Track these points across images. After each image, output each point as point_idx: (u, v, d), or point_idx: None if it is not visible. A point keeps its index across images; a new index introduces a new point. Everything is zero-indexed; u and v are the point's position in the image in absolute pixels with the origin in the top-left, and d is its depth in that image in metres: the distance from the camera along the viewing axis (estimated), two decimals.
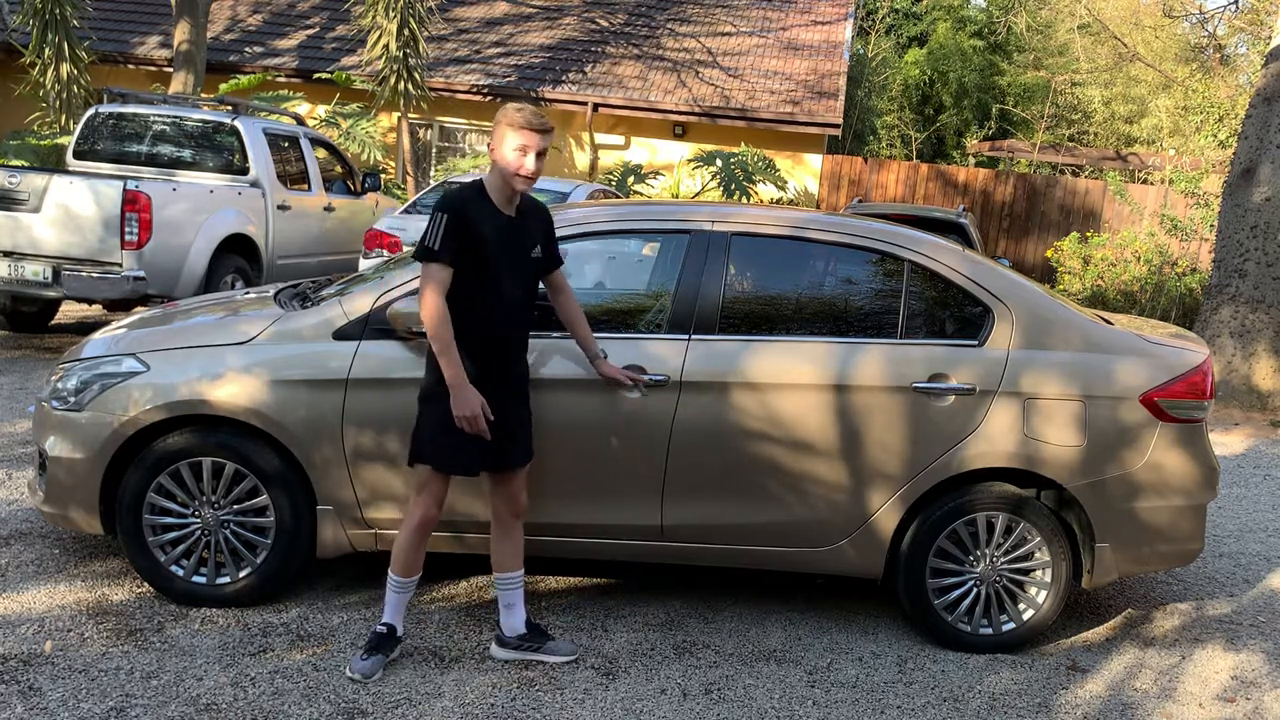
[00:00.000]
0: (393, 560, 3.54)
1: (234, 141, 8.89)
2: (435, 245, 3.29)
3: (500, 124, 3.33)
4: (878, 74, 27.48)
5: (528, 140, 3.31)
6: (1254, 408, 9.75)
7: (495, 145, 3.36)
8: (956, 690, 3.75)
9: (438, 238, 3.29)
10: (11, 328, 8.87)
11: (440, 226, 3.29)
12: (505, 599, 3.71)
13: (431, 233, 3.30)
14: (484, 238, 3.34)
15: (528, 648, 3.70)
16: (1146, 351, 4.06)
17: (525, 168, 3.32)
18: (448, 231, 3.29)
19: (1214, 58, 23.58)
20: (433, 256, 3.29)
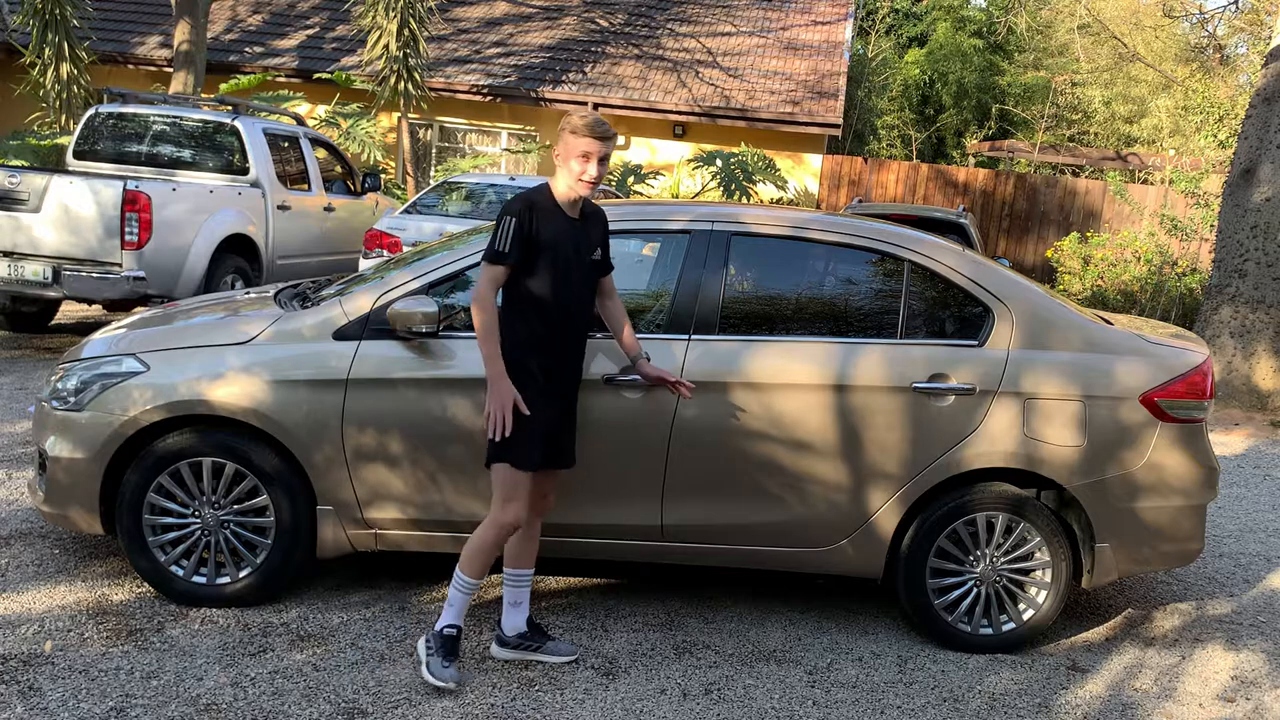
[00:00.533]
0: (467, 562, 3.46)
1: (234, 141, 8.90)
2: (505, 248, 3.34)
3: (564, 131, 3.39)
4: (878, 74, 27.49)
5: (590, 147, 3.37)
6: (1254, 408, 9.75)
7: (560, 151, 3.41)
8: (956, 690, 3.75)
9: (507, 240, 3.33)
10: (11, 328, 8.88)
11: (509, 230, 3.34)
12: (513, 596, 3.70)
13: (500, 236, 3.34)
14: (549, 241, 3.38)
15: (528, 647, 3.70)
16: (1146, 351, 4.06)
17: (588, 173, 3.39)
18: (515, 234, 3.33)
19: (1214, 58, 23.59)
20: (500, 259, 3.34)
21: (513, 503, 3.42)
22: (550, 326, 3.44)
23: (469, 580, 3.47)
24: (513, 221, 3.34)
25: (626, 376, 3.84)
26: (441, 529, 3.97)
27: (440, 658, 3.46)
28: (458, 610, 3.50)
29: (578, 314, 3.50)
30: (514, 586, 3.69)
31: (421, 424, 3.85)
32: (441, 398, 3.85)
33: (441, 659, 3.46)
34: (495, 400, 3.33)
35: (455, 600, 3.50)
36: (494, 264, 3.35)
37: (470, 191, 9.60)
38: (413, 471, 3.88)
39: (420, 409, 3.85)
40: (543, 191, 3.45)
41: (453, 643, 3.49)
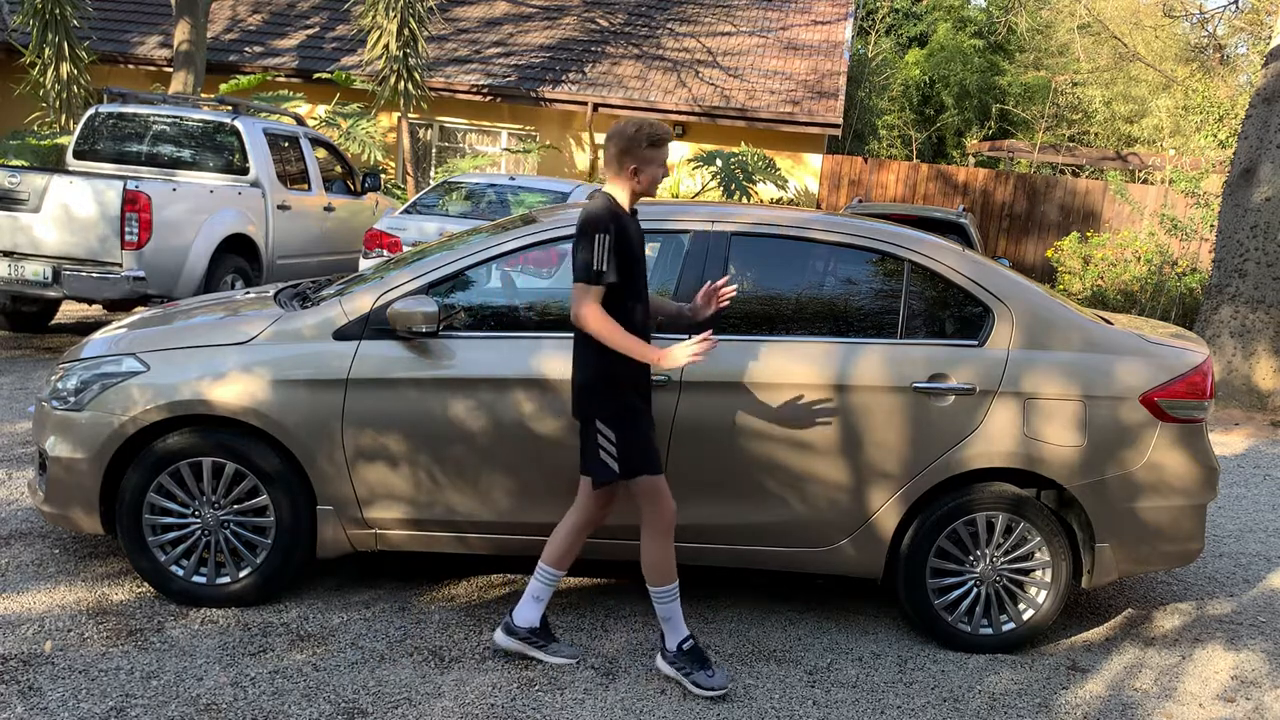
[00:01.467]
0: (654, 575, 3.52)
1: (234, 141, 8.90)
2: (604, 267, 3.33)
3: (649, 148, 3.42)
4: (878, 74, 27.48)
5: (666, 152, 3.46)
6: (1254, 408, 9.75)
7: (639, 164, 3.42)
8: (956, 690, 3.75)
9: (604, 259, 3.32)
10: (11, 328, 8.88)
11: (605, 248, 3.32)
12: (538, 590, 3.67)
13: (597, 255, 3.32)
14: (632, 249, 3.42)
15: (533, 643, 3.68)
16: (1147, 351, 4.06)
17: (665, 174, 3.49)
18: (611, 251, 3.34)
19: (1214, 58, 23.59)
20: (600, 279, 3.34)
21: (662, 502, 3.48)
22: (640, 332, 3.46)
23: (662, 590, 3.54)
24: (606, 239, 3.33)
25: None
26: (442, 529, 3.97)
27: (699, 670, 3.53)
28: (677, 622, 3.57)
29: (648, 317, 3.55)
30: (541, 582, 3.67)
31: (421, 424, 3.85)
32: (441, 398, 3.85)
33: (702, 671, 3.53)
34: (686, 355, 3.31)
35: (666, 614, 3.56)
36: (594, 284, 3.34)
37: (470, 191, 9.60)
38: (413, 471, 3.88)
39: (420, 409, 3.85)
40: (613, 201, 3.46)
41: (697, 651, 3.56)
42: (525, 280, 4.89)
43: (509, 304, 4.24)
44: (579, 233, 3.38)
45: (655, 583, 3.53)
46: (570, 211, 4.21)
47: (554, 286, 5.09)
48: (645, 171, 3.45)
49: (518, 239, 4.05)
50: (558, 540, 3.63)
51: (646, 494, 3.48)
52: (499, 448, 3.87)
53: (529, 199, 9.23)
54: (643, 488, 3.47)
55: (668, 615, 3.57)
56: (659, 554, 3.51)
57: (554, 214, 4.24)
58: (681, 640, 3.57)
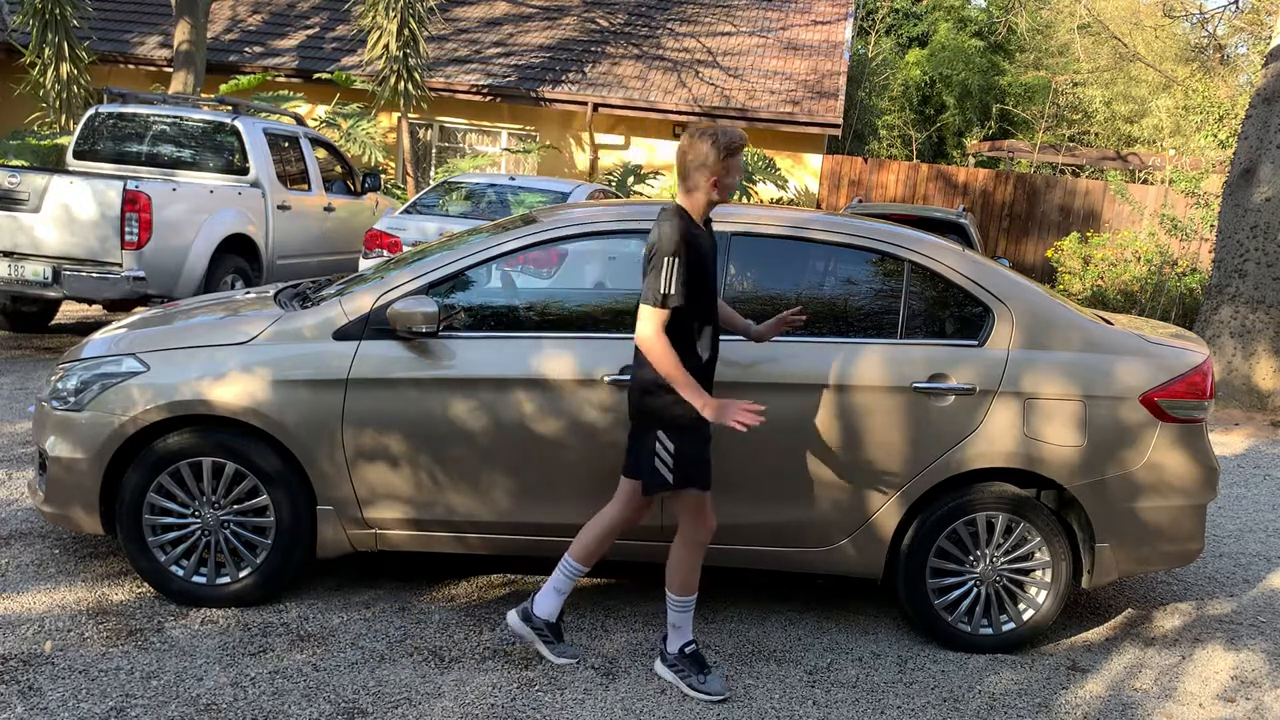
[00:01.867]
0: (672, 582, 3.54)
1: (234, 141, 8.90)
2: (671, 291, 3.28)
3: (726, 158, 3.36)
4: (878, 74, 27.48)
5: (740, 162, 3.42)
6: (1254, 408, 9.75)
7: (716, 175, 3.37)
8: (956, 690, 3.75)
9: (672, 283, 3.28)
10: (11, 328, 8.88)
11: (673, 271, 3.27)
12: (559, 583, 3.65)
13: (665, 279, 3.27)
14: (702, 267, 3.38)
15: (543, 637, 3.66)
16: (1147, 351, 4.06)
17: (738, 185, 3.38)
18: (680, 274, 3.28)
19: (1214, 58, 23.59)
20: (667, 303, 3.28)
21: (704, 519, 3.49)
22: (707, 347, 3.46)
23: (680, 599, 3.56)
24: (675, 262, 3.27)
25: (627, 376, 3.84)
26: (442, 529, 3.97)
27: (696, 674, 3.54)
28: (685, 629, 3.58)
29: (716, 329, 3.52)
30: (564, 575, 3.67)
31: (422, 424, 3.85)
32: (441, 398, 3.85)
33: (698, 675, 3.54)
34: (729, 416, 3.27)
35: (677, 621, 3.58)
36: (660, 309, 3.29)
37: (470, 191, 9.60)
38: (413, 471, 3.88)
39: (420, 409, 3.85)
40: (684, 217, 3.39)
41: (698, 656, 3.58)
42: (525, 280, 4.89)
43: (509, 304, 4.24)
44: (649, 253, 3.35)
45: (676, 591, 3.55)
46: (571, 212, 4.21)
47: (554, 287, 5.09)
48: (723, 181, 3.40)
49: (518, 239, 4.05)
50: (587, 537, 3.63)
51: (692, 507, 3.48)
52: (499, 448, 3.87)
53: (529, 199, 9.23)
54: (690, 500, 3.47)
55: (678, 623, 3.58)
56: (688, 566, 3.53)
57: (554, 214, 4.23)
58: (684, 644, 3.58)
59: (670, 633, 3.60)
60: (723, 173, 3.38)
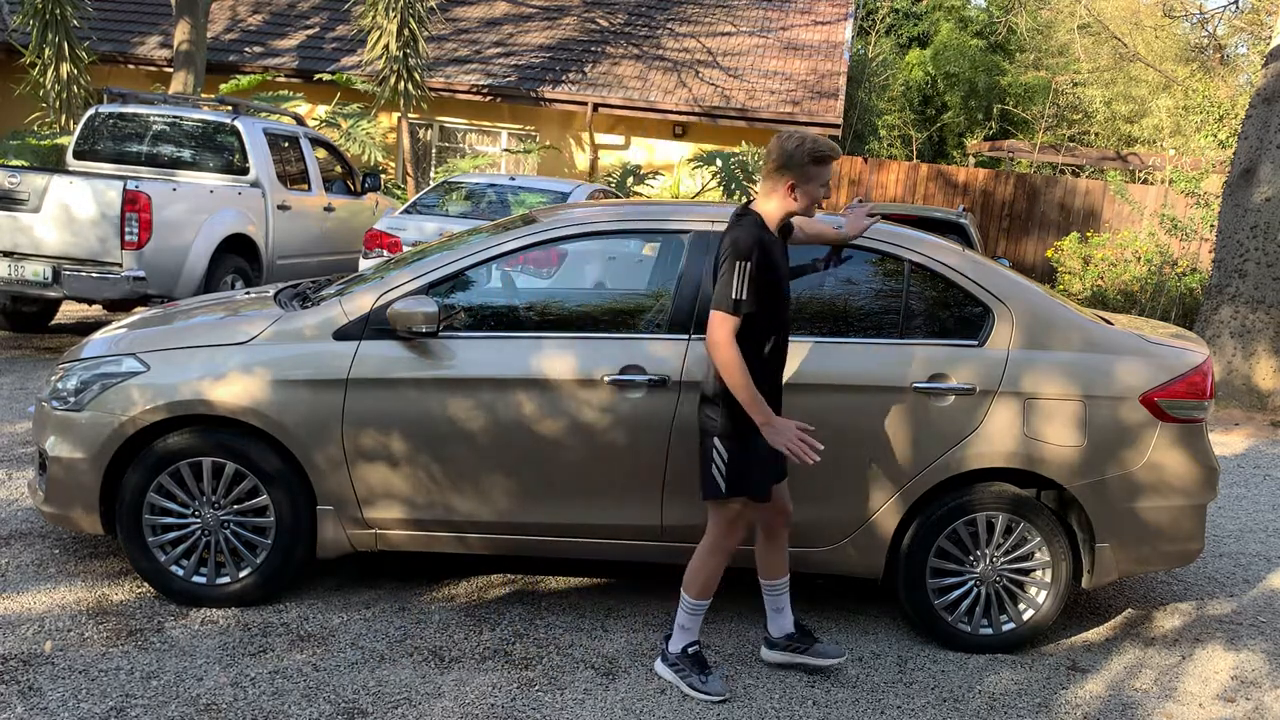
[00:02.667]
0: (693, 585, 3.53)
1: (234, 141, 8.89)
2: (743, 296, 3.22)
3: (804, 164, 3.29)
4: (878, 74, 27.48)
5: (829, 172, 3.36)
6: (1254, 408, 9.75)
7: (798, 182, 3.32)
8: (956, 690, 3.75)
9: (743, 289, 3.22)
10: (11, 328, 8.88)
11: (745, 277, 3.22)
12: (774, 604, 3.75)
13: (737, 284, 3.22)
14: (776, 274, 3.34)
15: (796, 649, 3.74)
16: (1147, 351, 4.05)
17: (825, 195, 3.38)
18: (752, 280, 3.24)
19: (1214, 58, 23.58)
20: (739, 309, 3.23)
21: (737, 529, 3.48)
22: (775, 353, 3.45)
23: (694, 602, 3.55)
24: (749, 267, 3.22)
25: (627, 376, 3.84)
26: (442, 529, 3.97)
27: (697, 675, 3.54)
28: (692, 631, 3.58)
29: (787, 336, 3.49)
30: (771, 595, 3.74)
31: (422, 424, 3.85)
32: (442, 398, 3.85)
33: (699, 675, 3.54)
34: (781, 441, 3.24)
35: (686, 622, 3.58)
36: (731, 314, 3.23)
37: (470, 192, 9.60)
38: (413, 471, 3.88)
39: (420, 409, 3.85)
40: (759, 223, 3.34)
41: (699, 658, 3.58)
42: (525, 280, 4.89)
43: (509, 304, 4.24)
44: (722, 257, 3.29)
45: (691, 594, 3.55)
46: (571, 212, 4.21)
47: (554, 287, 5.09)
48: (804, 189, 3.33)
49: (518, 239, 4.05)
50: (762, 558, 3.71)
51: (729, 516, 3.47)
52: (499, 448, 3.87)
53: (529, 199, 9.23)
54: (729, 510, 3.46)
55: (687, 624, 3.58)
56: (708, 570, 3.53)
57: (554, 214, 4.23)
58: (688, 644, 3.59)
59: (676, 632, 3.60)
60: (801, 179, 3.32)
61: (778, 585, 3.74)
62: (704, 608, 3.58)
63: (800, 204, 3.36)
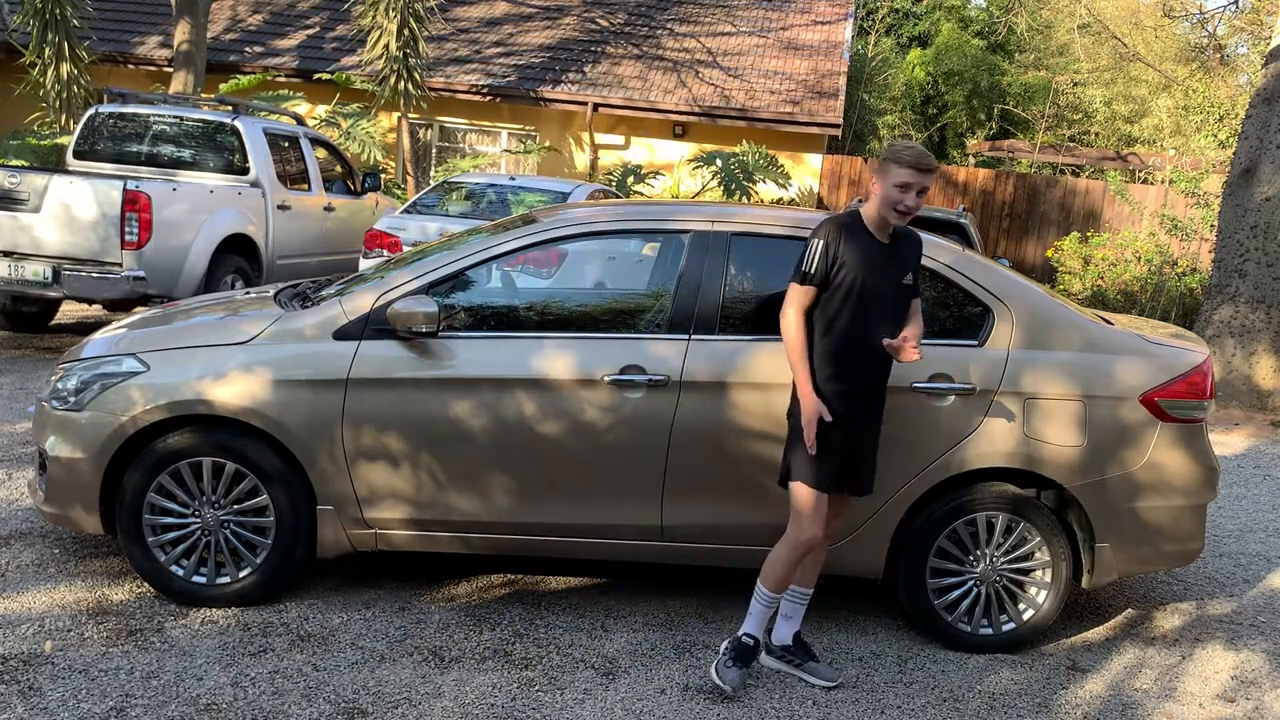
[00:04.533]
0: (766, 575, 3.56)
1: (234, 141, 8.89)
2: (811, 269, 3.42)
3: (888, 160, 3.42)
4: (878, 74, 27.48)
5: (910, 178, 3.39)
6: (1254, 407, 9.75)
7: (879, 178, 3.43)
8: (956, 690, 3.75)
9: (813, 262, 3.42)
10: (11, 328, 8.88)
11: (816, 251, 3.42)
12: (787, 609, 3.76)
13: (808, 258, 3.43)
14: (854, 264, 3.42)
15: (790, 661, 3.75)
16: (1147, 351, 4.05)
17: (904, 203, 3.42)
18: (821, 256, 3.41)
19: (1214, 58, 23.58)
20: (807, 280, 3.43)
21: (808, 519, 3.48)
22: (848, 349, 3.46)
23: (768, 593, 3.58)
24: (819, 244, 3.42)
25: (627, 376, 3.84)
26: (442, 529, 3.97)
27: (728, 658, 3.57)
28: (757, 621, 3.61)
29: (878, 337, 3.49)
30: (790, 601, 3.75)
31: (422, 424, 3.85)
32: (442, 398, 3.85)
33: (728, 660, 3.57)
34: (806, 414, 3.41)
35: (755, 611, 3.61)
36: (801, 285, 3.44)
37: (470, 191, 9.60)
38: (413, 471, 3.88)
39: (420, 409, 3.85)
40: (853, 214, 3.50)
41: (747, 651, 3.60)
42: (525, 280, 4.90)
43: (509, 304, 4.24)
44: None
45: (763, 582, 3.58)
46: (571, 212, 4.21)
47: (554, 287, 5.10)
48: (881, 181, 3.42)
49: (518, 239, 4.05)
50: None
51: (795, 502, 3.50)
52: (499, 448, 3.87)
53: (529, 199, 9.23)
54: (796, 496, 3.49)
55: (754, 612, 3.61)
56: (780, 562, 3.54)
57: (554, 214, 4.23)
58: (745, 634, 3.61)
59: (748, 619, 3.63)
60: (893, 185, 3.39)
61: (798, 592, 3.75)
62: (774, 601, 3.59)
63: (891, 204, 3.42)
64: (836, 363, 3.45)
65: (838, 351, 3.45)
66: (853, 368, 3.47)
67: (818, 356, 3.46)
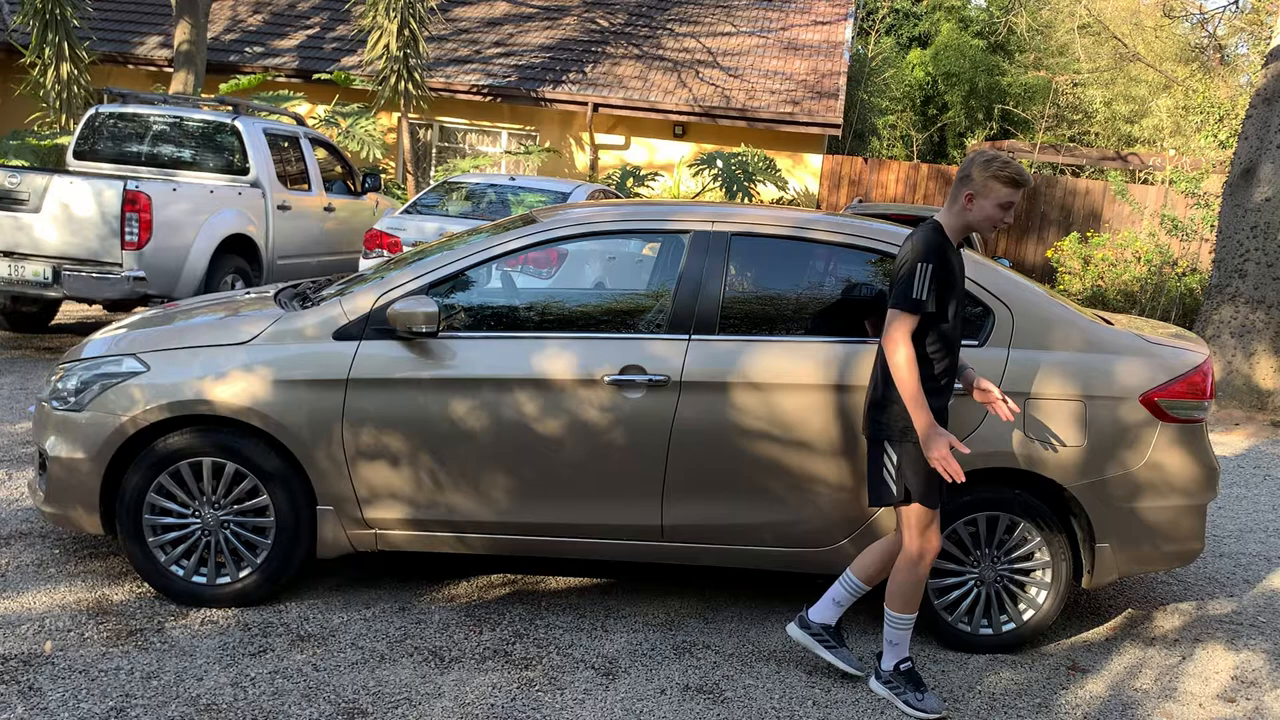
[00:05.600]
0: (892, 599, 3.54)
1: (234, 141, 8.90)
2: (923, 296, 3.31)
3: (990, 179, 3.37)
4: (878, 74, 27.49)
5: (1013, 198, 3.40)
6: (1254, 407, 9.75)
7: (978, 194, 3.39)
8: (956, 690, 3.75)
9: (924, 289, 3.31)
10: (11, 328, 8.88)
11: (927, 277, 3.32)
12: (838, 595, 3.73)
13: (919, 284, 3.31)
14: (953, 282, 3.40)
15: (824, 642, 3.74)
16: (1147, 351, 4.05)
17: (1005, 221, 3.43)
18: (933, 282, 3.33)
19: (1214, 58, 23.58)
20: (919, 308, 3.32)
21: (928, 537, 3.48)
22: (946, 365, 3.47)
23: (899, 616, 3.56)
24: (930, 269, 3.32)
25: (627, 376, 3.84)
26: (443, 529, 3.97)
27: (913, 692, 3.55)
28: (902, 646, 3.59)
29: (958, 348, 3.52)
30: (843, 589, 3.73)
31: (422, 424, 3.85)
32: (442, 398, 3.85)
33: (915, 693, 3.55)
34: (937, 452, 3.29)
35: (896, 639, 3.59)
36: (912, 313, 3.33)
37: (470, 192, 9.60)
38: (413, 471, 3.88)
39: (420, 409, 3.85)
40: (940, 231, 3.44)
41: (914, 674, 3.59)
42: (525, 280, 4.90)
43: (509, 304, 4.24)
44: (903, 258, 3.37)
45: (893, 608, 3.56)
46: (571, 212, 4.21)
47: (554, 287, 5.10)
48: (980, 201, 3.38)
49: (518, 239, 4.05)
50: (869, 557, 3.68)
51: (912, 523, 3.48)
52: (499, 448, 3.87)
53: (529, 199, 9.23)
54: (911, 516, 3.47)
55: (895, 640, 3.59)
56: (905, 584, 3.52)
57: (554, 214, 4.24)
58: (901, 661, 3.59)
59: (886, 650, 3.61)
60: (981, 193, 3.38)
61: (857, 585, 3.71)
62: (911, 622, 3.57)
63: (973, 215, 3.40)
64: (936, 381, 3.45)
65: (938, 370, 3.45)
66: (946, 383, 3.49)
67: (924, 379, 3.38)
